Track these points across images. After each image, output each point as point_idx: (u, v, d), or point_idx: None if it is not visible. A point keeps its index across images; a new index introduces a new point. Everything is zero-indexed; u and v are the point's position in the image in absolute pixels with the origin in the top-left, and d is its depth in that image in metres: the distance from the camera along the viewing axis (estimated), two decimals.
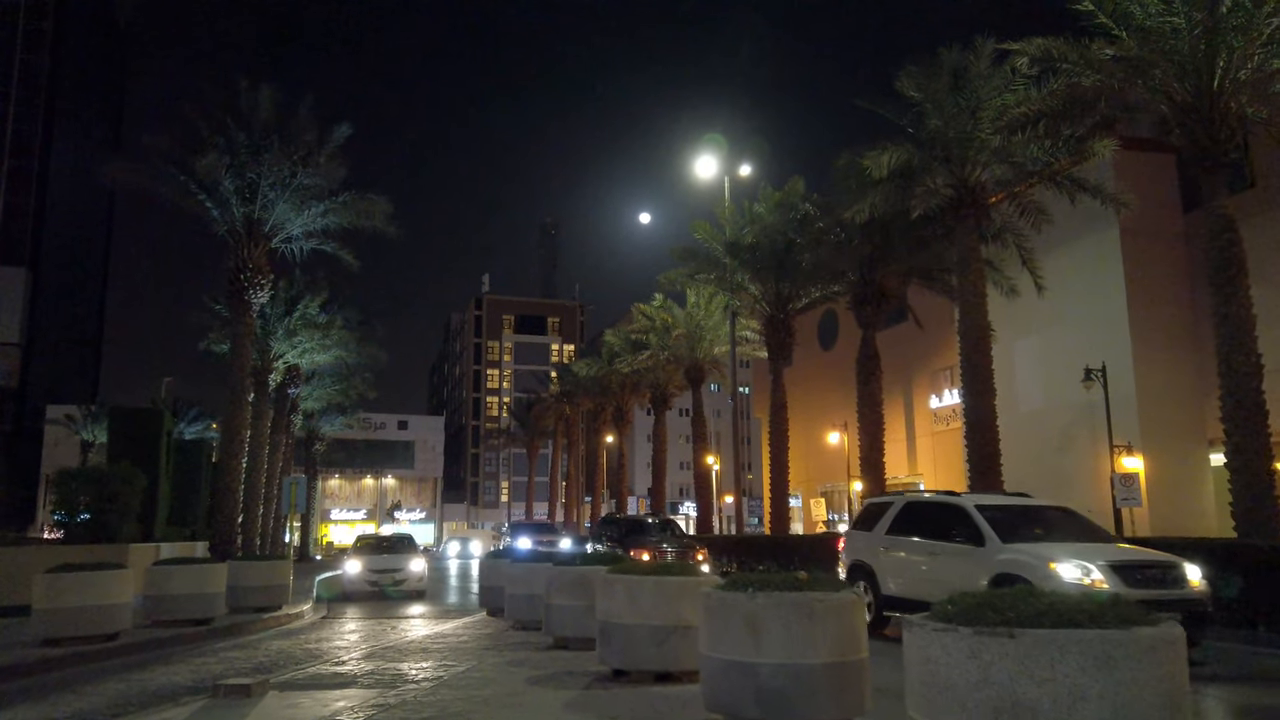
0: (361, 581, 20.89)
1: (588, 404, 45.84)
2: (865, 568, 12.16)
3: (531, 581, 12.12)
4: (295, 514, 37.96)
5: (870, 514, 13.06)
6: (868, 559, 12.22)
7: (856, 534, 13.08)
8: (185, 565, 13.34)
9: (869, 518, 12.96)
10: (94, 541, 16.61)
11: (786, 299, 26.46)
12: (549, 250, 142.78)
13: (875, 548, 12.16)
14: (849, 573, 12.64)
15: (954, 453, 39.10)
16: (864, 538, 12.63)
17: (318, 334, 26.96)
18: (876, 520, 12.57)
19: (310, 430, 48.28)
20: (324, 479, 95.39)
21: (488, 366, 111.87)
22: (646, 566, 8.08)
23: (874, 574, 11.92)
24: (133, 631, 12.16)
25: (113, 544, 16.67)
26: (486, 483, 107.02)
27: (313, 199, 21.08)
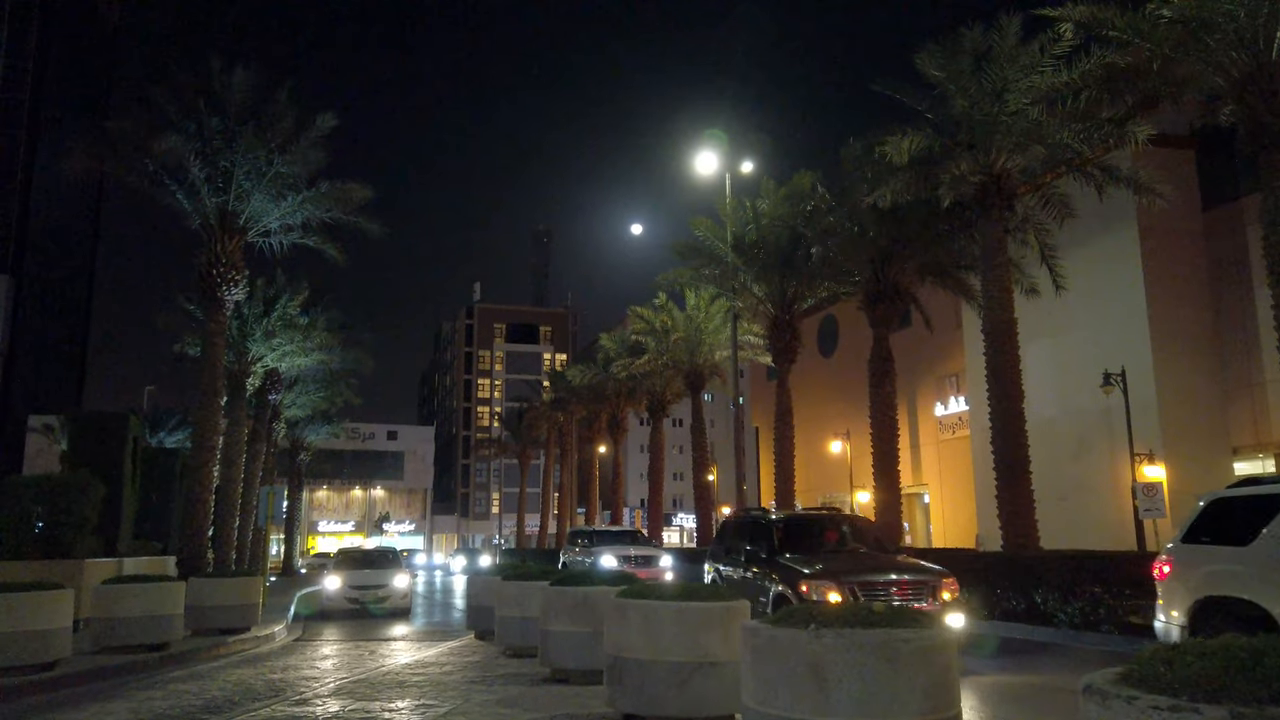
0: (341, 599, 19.51)
1: (581, 412, 44.46)
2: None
3: (525, 602, 10.78)
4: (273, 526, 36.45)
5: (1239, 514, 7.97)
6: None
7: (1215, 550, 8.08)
8: (138, 584, 11.94)
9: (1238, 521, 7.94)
10: (46, 557, 15.18)
11: (791, 299, 25.22)
12: (541, 258, 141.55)
13: None
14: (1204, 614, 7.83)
15: (960, 462, 37.94)
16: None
17: (298, 336, 25.54)
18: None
19: (294, 439, 46.80)
20: (311, 490, 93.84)
21: (479, 376, 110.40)
22: (665, 589, 6.76)
23: None
24: (74, 660, 10.76)
25: (67, 560, 15.25)
26: (477, 494, 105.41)
27: (290, 189, 19.75)
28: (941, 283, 21.99)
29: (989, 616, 14.73)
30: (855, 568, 10.35)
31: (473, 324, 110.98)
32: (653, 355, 31.76)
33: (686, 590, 6.75)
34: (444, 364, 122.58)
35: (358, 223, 20.59)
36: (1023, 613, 14.43)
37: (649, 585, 6.96)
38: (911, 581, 10.08)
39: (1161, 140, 24.26)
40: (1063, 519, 25.86)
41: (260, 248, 21.36)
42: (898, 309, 21.33)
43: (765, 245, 24.40)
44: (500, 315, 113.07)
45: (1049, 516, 27.07)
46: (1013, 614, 14.55)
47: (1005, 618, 14.56)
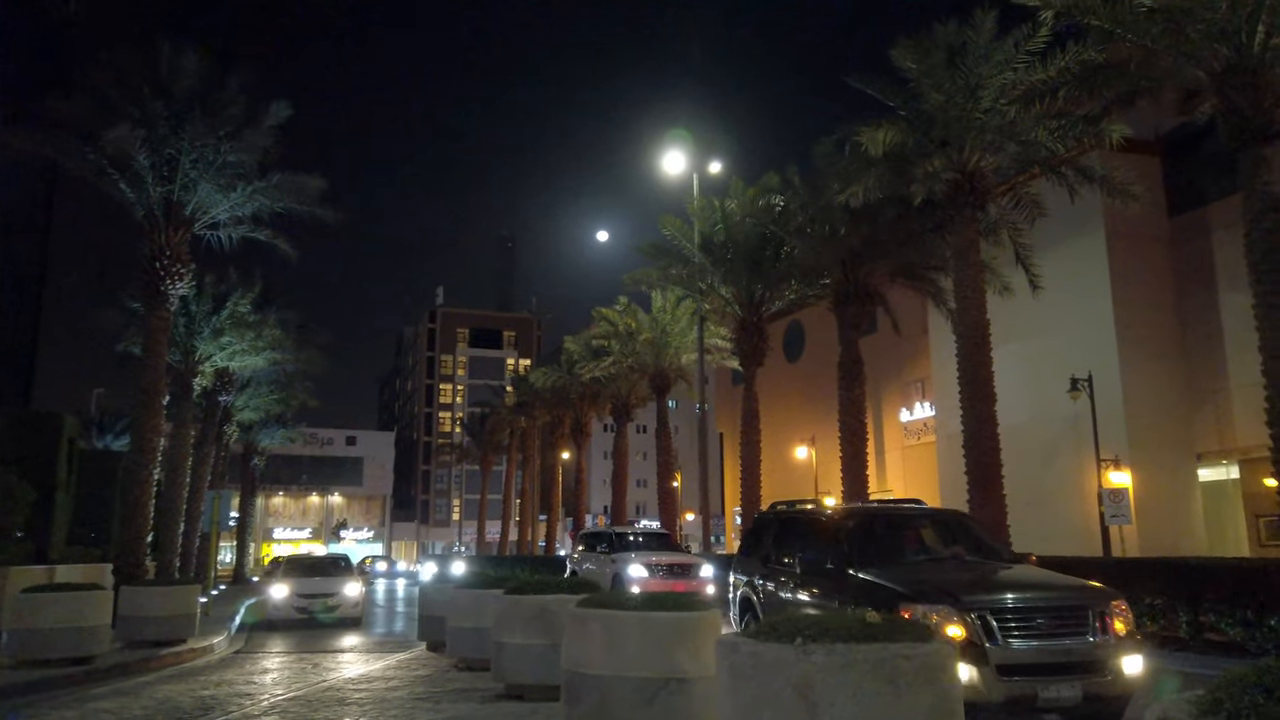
0: (288, 607, 18.61)
1: (545, 416, 43.67)
2: None
3: (479, 612, 10.09)
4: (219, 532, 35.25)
5: None
6: None
7: None
8: (60, 593, 11.06)
9: None
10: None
11: (759, 301, 24.77)
12: (506, 264, 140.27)
13: None
14: None
15: (926, 468, 37.79)
16: None
17: (249, 334, 24.51)
18: None
19: (248, 443, 45.45)
20: (267, 496, 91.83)
21: (441, 381, 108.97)
22: (631, 599, 6.13)
23: None
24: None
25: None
26: (438, 501, 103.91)
27: (240, 179, 18.86)
28: (912, 285, 21.67)
29: None
30: (976, 583, 7.27)
31: (435, 328, 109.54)
32: (617, 358, 31.14)
33: (652, 598, 6.14)
34: (406, 369, 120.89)
35: (312, 213, 19.73)
36: None
37: (612, 594, 6.34)
38: (1069, 607, 6.84)
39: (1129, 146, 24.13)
40: (1031, 525, 25.66)
41: (209, 242, 20.43)
42: (867, 311, 20.95)
43: (734, 245, 23.93)
44: (463, 320, 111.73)
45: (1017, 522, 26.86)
46: None
47: None
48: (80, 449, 27.80)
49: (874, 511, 9.91)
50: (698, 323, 26.42)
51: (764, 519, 11.06)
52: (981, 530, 9.31)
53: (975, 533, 9.04)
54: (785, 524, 9.99)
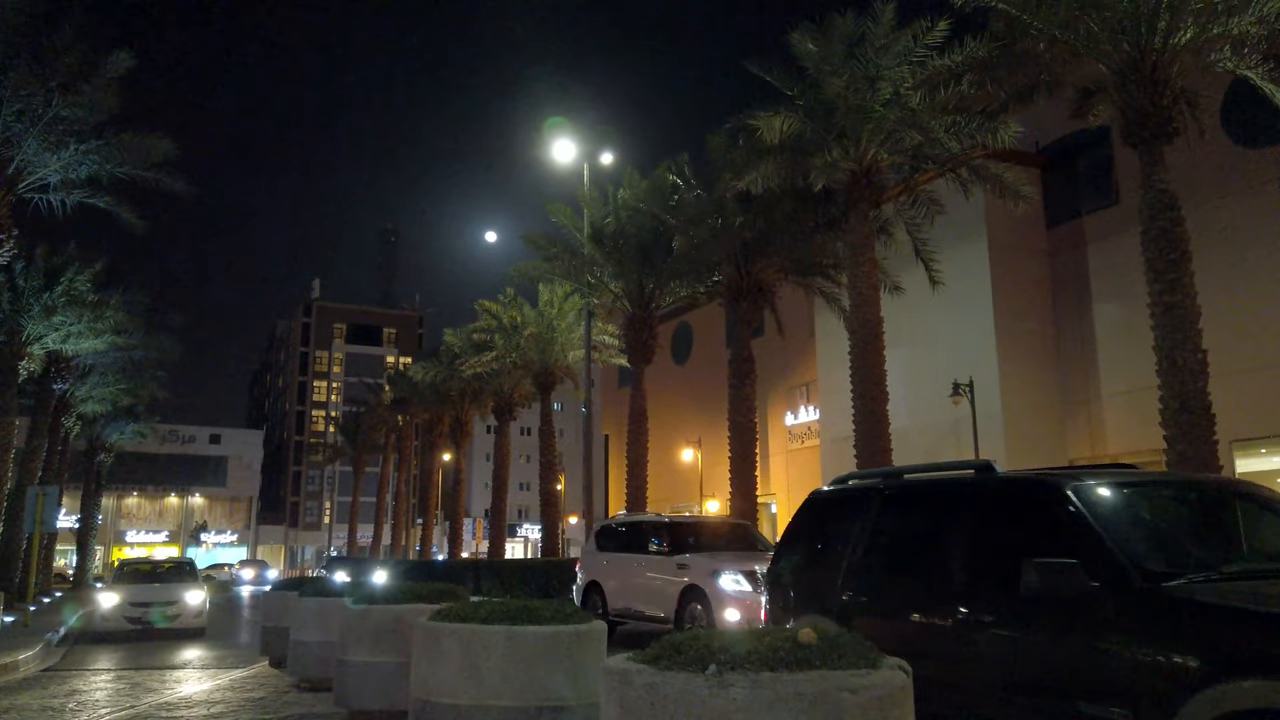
0: (119, 617, 16.62)
1: (423, 415, 41.72)
2: None
3: (325, 624, 8.78)
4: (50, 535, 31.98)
5: None
6: None
7: None
8: None
9: None
10: None
11: (650, 297, 23.97)
12: (388, 259, 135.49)
13: None
14: None
15: (809, 471, 37.82)
16: None
17: (87, 314, 22.03)
18: None
19: (93, 439, 41.74)
20: (119, 497, 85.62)
21: (315, 378, 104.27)
22: (493, 609, 5.04)
23: None
24: None
25: None
26: (309, 503, 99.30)
27: (74, 136, 16.76)
28: (804, 282, 21.29)
29: None
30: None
31: (310, 323, 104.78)
32: (501, 353, 29.78)
33: (522, 610, 5.07)
34: (277, 364, 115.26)
35: (159, 180, 17.76)
36: None
37: (474, 605, 5.24)
38: None
39: (1012, 156, 24.61)
40: None
41: (39, 207, 18.15)
42: (759, 307, 20.41)
43: (625, 237, 23.05)
44: (341, 315, 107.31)
45: None
46: None
47: None
48: None
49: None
50: (585, 318, 25.40)
51: (826, 501, 9.68)
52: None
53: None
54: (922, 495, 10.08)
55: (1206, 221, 21.04)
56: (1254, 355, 20.82)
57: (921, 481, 5.92)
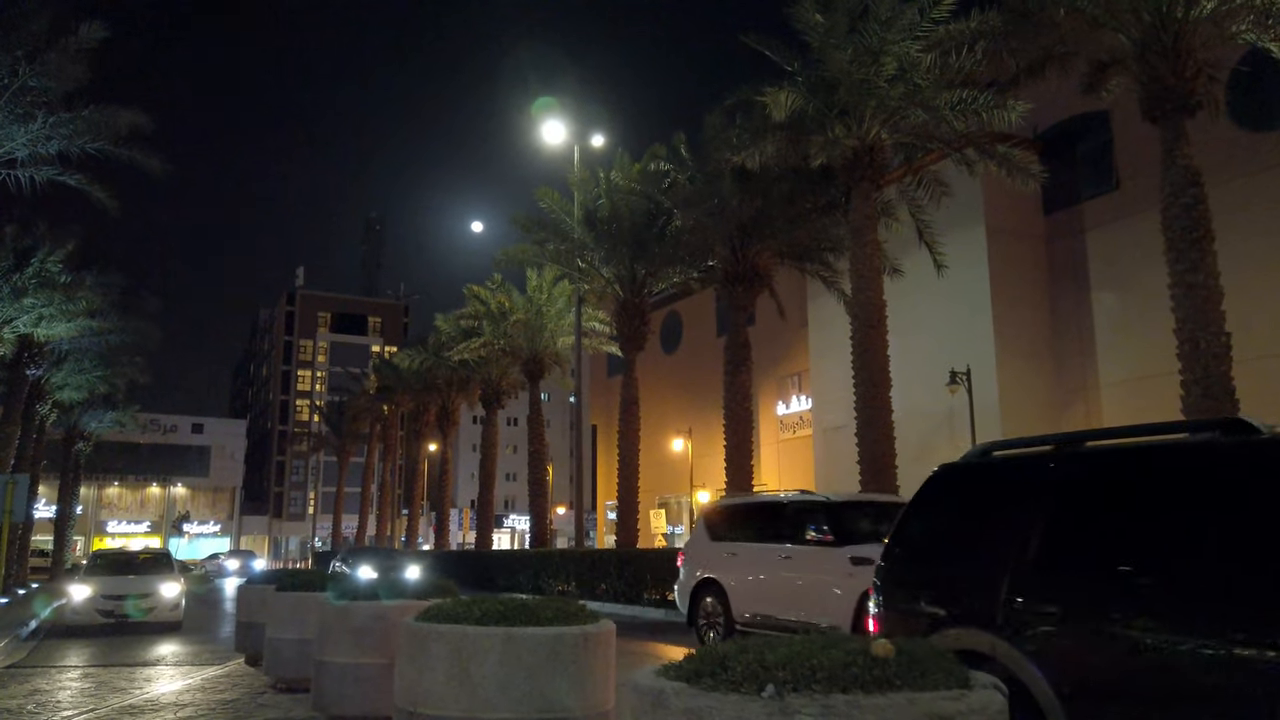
0: (90, 610, 15.95)
1: (409, 404, 41.00)
2: None
3: (303, 621, 8.18)
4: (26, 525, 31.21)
5: None
6: None
7: None
8: None
9: None
10: None
11: (642, 282, 23.38)
12: (373, 247, 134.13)
13: None
14: None
15: (800, 461, 37.40)
16: None
17: (59, 296, 21.25)
18: None
19: (70, 427, 40.83)
20: (99, 487, 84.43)
21: (299, 367, 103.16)
22: (487, 608, 4.46)
23: None
24: None
25: None
26: (293, 493, 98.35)
27: (41, 108, 16.00)
28: (801, 266, 20.75)
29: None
30: None
31: (294, 311, 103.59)
32: (489, 339, 29.11)
33: (519, 609, 4.49)
34: (261, 353, 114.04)
35: (132, 157, 17.02)
36: None
37: (466, 603, 4.66)
38: None
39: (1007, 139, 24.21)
40: None
41: (8, 186, 17.38)
42: (755, 292, 19.83)
43: (618, 220, 22.44)
44: (326, 303, 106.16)
45: None
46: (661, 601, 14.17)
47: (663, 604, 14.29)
48: None
49: None
50: (575, 304, 24.83)
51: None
52: None
53: None
54: None
55: (1215, 206, 20.63)
56: (1268, 341, 20.33)
57: (1126, 450, 4.45)
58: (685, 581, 12.07)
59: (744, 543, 11.29)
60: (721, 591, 11.25)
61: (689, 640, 12.23)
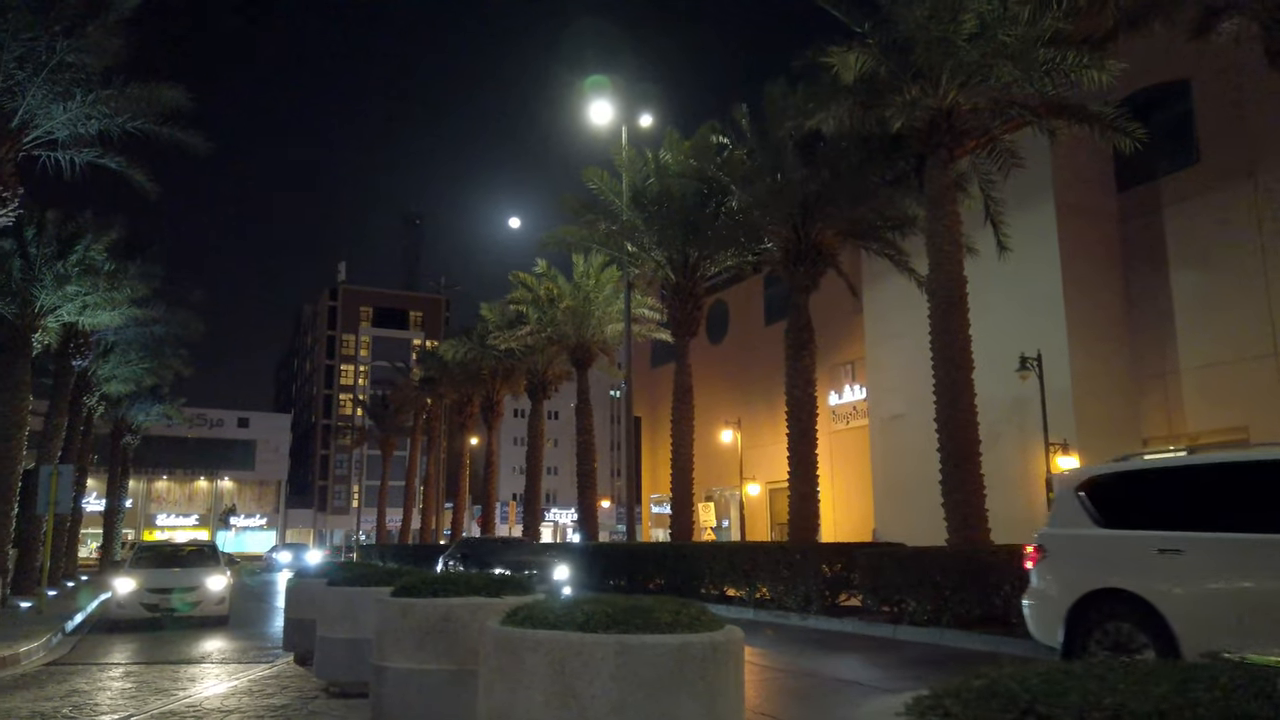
0: (135, 604, 15.48)
1: (453, 395, 40.48)
2: None
3: (355, 618, 7.44)
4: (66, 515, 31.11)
5: None
6: None
7: None
8: None
9: None
10: None
11: (695, 265, 22.48)
12: (413, 242, 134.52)
13: None
14: None
15: (854, 453, 36.22)
16: None
17: (102, 284, 20.87)
18: None
19: (118, 420, 40.94)
20: (149, 480, 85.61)
21: (342, 361, 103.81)
22: (592, 610, 3.60)
23: None
24: None
25: None
26: (337, 487, 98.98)
27: (80, 85, 15.49)
28: (865, 244, 19.72)
29: (933, 623, 12.28)
30: None
31: (337, 306, 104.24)
32: (535, 327, 28.40)
33: (633, 610, 3.63)
34: (304, 348, 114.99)
35: (173, 135, 16.48)
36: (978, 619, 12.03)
37: (565, 605, 3.81)
38: None
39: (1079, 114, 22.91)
40: None
41: (48, 169, 16.93)
42: (818, 272, 18.82)
43: (669, 200, 21.57)
44: (367, 298, 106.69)
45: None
46: (967, 620, 12.11)
47: (959, 625, 12.10)
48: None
49: None
50: (624, 289, 23.99)
51: None
52: None
53: None
54: None
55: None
56: None
57: None
58: (1056, 594, 7.88)
59: (1199, 533, 7.07)
60: (1149, 614, 7.03)
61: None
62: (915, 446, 29.64)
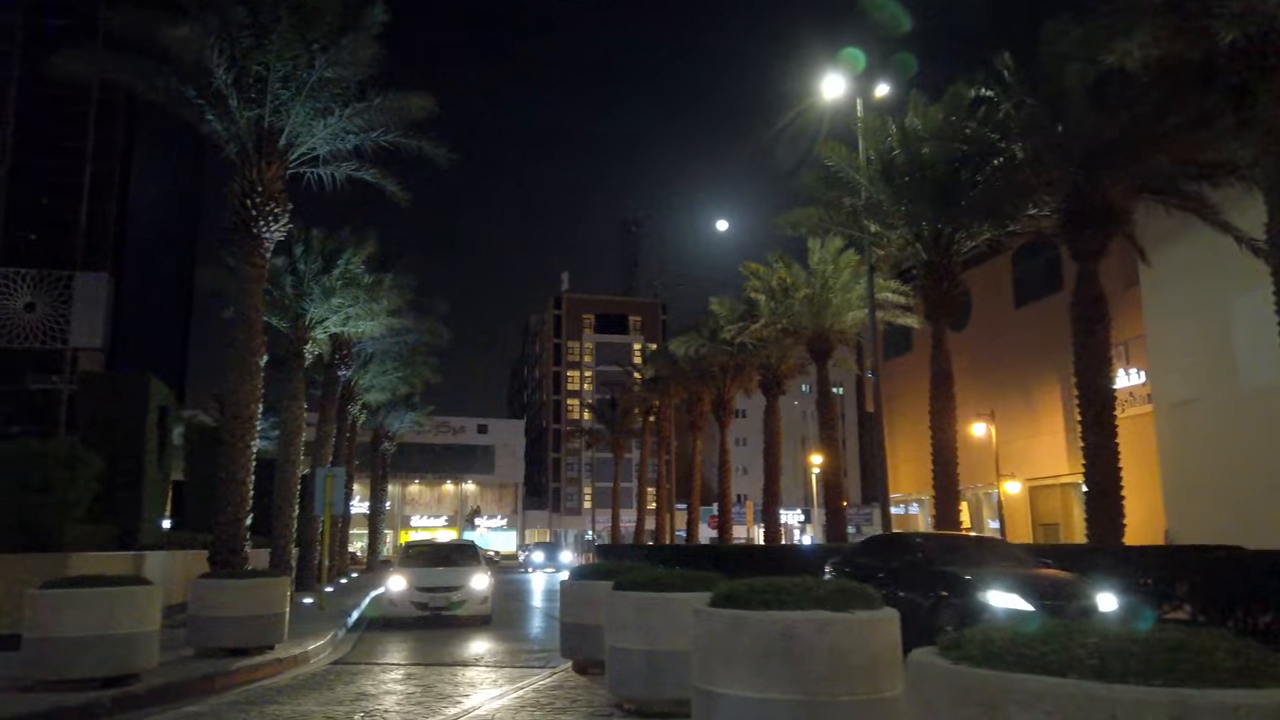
0: (407, 603, 15.80)
1: (681, 394, 40.10)
2: None
3: (652, 627, 6.59)
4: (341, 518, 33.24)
5: None
6: None
7: None
8: (80, 589, 8.19)
9: None
10: (24, 549, 11.75)
11: (949, 239, 20.46)
12: (630, 248, 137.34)
13: None
14: None
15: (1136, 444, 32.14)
16: None
17: (362, 295, 22.00)
18: None
19: (377, 429, 43.97)
20: (403, 484, 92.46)
21: (568, 368, 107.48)
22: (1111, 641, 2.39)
23: None
24: None
25: (48, 552, 11.80)
26: (569, 489, 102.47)
27: (337, 101, 16.06)
28: (1165, 199, 16.94)
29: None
30: None
31: (561, 315, 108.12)
32: (769, 319, 27.24)
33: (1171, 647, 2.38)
34: (533, 356, 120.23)
35: (420, 148, 16.80)
36: None
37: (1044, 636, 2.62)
38: None
39: None
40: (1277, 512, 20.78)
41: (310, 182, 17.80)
42: (1108, 234, 16.33)
43: (919, 169, 19.70)
44: (589, 306, 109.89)
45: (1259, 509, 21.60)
46: None
47: None
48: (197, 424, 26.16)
49: None
50: (867, 271, 22.30)
51: None
52: None
53: None
54: None
55: None
56: None
57: None
58: None
59: None
60: None
61: None
62: (1210, 435, 25.81)
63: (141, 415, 15.41)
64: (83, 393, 15.67)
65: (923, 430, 34.90)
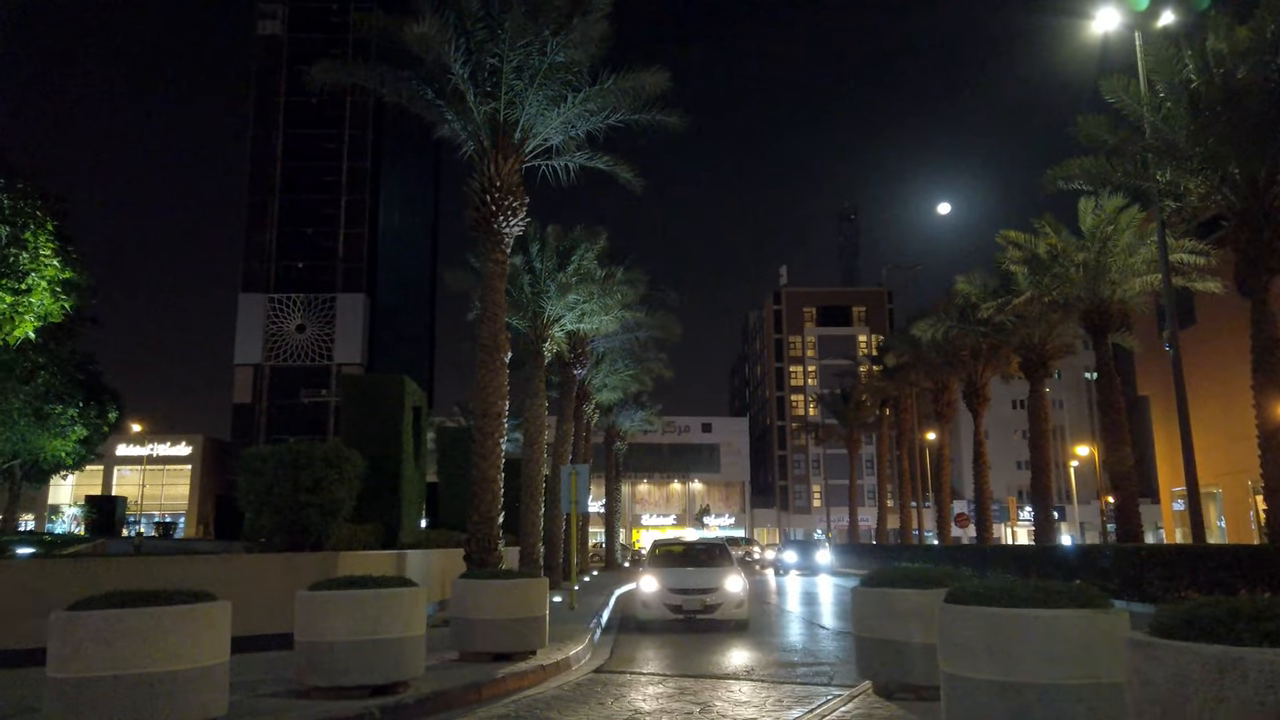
0: (660, 605, 14.96)
1: (924, 382, 37.31)
2: None
3: (1011, 652, 5.11)
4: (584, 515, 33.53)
5: None
6: None
7: None
8: (353, 591, 7.79)
9: None
10: (293, 548, 11.95)
11: (1270, 180, 17.13)
12: (848, 237, 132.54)
13: None
14: None
15: None
16: None
17: (596, 290, 21.67)
18: None
19: (609, 428, 44.38)
20: (632, 484, 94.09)
21: (790, 363, 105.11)
22: None
23: None
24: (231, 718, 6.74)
25: (318, 551, 11.93)
26: (796, 486, 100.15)
27: (570, 87, 15.57)
28: None
29: None
30: None
31: (781, 309, 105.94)
32: (1032, 292, 24.33)
33: None
34: (753, 354, 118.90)
35: (654, 121, 15.99)
36: None
37: None
38: None
39: None
40: None
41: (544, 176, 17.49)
42: None
43: (1230, 98, 16.57)
44: (809, 298, 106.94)
45: None
46: None
47: None
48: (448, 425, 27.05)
49: None
50: (1158, 229, 19.23)
51: None
52: None
53: None
54: None
55: None
56: None
57: None
58: None
59: None
60: None
61: None
62: None
63: (398, 415, 15.61)
64: (344, 396, 16.15)
65: (1211, 413, 30.34)
